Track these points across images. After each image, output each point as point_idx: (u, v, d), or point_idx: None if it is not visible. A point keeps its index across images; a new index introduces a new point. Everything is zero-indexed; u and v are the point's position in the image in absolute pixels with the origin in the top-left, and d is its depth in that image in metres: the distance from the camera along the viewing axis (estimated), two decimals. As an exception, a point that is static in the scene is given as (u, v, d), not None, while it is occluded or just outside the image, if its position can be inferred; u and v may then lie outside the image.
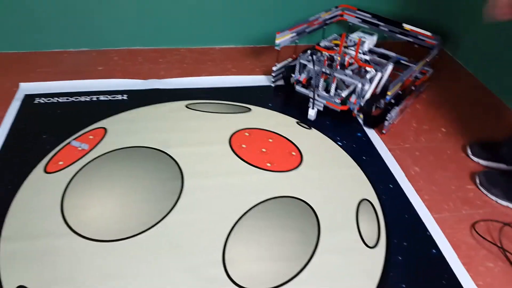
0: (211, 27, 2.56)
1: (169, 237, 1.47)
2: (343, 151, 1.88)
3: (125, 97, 2.15)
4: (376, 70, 1.98)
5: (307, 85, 2.15)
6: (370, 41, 2.17)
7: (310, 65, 2.05)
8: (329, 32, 2.61)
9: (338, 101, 1.98)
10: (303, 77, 2.13)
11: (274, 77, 2.26)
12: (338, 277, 1.39)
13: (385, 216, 1.61)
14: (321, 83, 2.04)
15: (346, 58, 2.03)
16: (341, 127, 2.03)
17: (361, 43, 2.10)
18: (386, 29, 2.41)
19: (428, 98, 2.32)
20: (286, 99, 2.21)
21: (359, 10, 2.47)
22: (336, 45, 2.16)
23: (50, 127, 1.91)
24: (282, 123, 2.02)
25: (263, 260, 1.42)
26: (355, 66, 2.04)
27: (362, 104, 1.98)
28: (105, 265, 1.37)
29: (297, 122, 2.04)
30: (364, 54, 2.13)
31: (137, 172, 1.70)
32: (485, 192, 1.73)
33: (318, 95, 2.03)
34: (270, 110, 2.11)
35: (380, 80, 2.01)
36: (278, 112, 2.10)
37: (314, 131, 1.99)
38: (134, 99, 2.14)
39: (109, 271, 1.35)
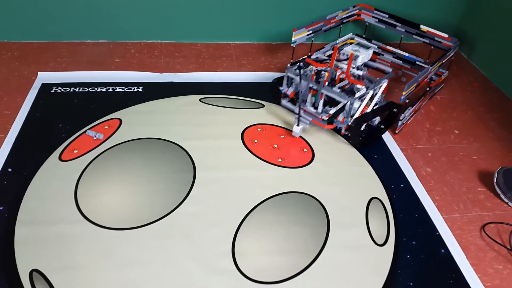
0: (227, 23, 2.58)
1: (180, 228, 1.49)
2: (355, 150, 1.89)
3: (140, 89, 2.18)
4: (367, 88, 1.88)
5: (295, 98, 2.04)
6: (364, 56, 1.99)
7: (298, 79, 1.94)
8: (346, 31, 2.61)
9: (325, 118, 1.86)
10: (290, 91, 2.02)
11: (288, 74, 2.27)
12: (346, 273, 1.40)
13: (395, 214, 1.61)
14: (309, 98, 1.93)
15: (338, 73, 1.91)
16: (353, 125, 2.03)
17: (354, 57, 1.96)
18: (402, 30, 2.40)
19: (442, 100, 2.31)
20: (300, 96, 2.22)
21: (376, 10, 2.47)
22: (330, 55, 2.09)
23: (66, 116, 1.94)
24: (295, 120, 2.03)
25: (272, 254, 1.44)
26: (347, 81, 1.92)
27: (349, 123, 1.87)
28: (117, 253, 1.39)
29: (310, 119, 2.05)
30: (358, 69, 2.01)
31: (150, 163, 1.73)
32: (498, 191, 1.72)
33: (304, 111, 1.93)
34: (282, 107, 2.12)
35: (372, 97, 1.93)
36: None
37: (326, 129, 1.99)
38: (150, 91, 2.16)
39: (121, 259, 1.38)
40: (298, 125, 1.88)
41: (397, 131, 2.01)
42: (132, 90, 2.17)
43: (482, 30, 2.60)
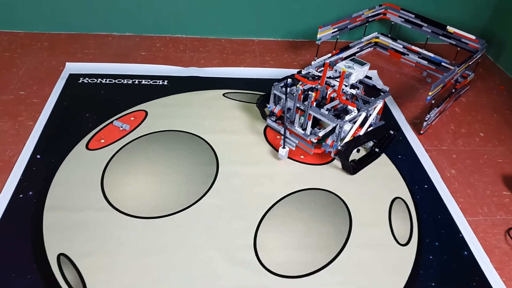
0: (252, 19, 2.59)
1: (203, 219, 1.51)
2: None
3: (165, 82, 2.20)
4: (360, 109, 1.72)
5: (283, 117, 1.83)
6: (359, 73, 1.79)
7: (289, 97, 1.76)
8: (371, 30, 2.59)
9: (314, 140, 1.73)
10: (277, 109, 1.85)
11: (312, 71, 2.27)
12: (367, 271, 1.39)
13: (418, 215, 1.60)
14: (297, 118, 1.77)
15: (329, 91, 1.77)
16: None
17: (347, 75, 1.76)
18: (429, 30, 2.38)
19: (467, 102, 2.28)
20: (323, 94, 2.22)
21: (402, 9, 2.45)
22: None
23: (93, 106, 1.98)
24: (318, 117, 2.03)
25: (294, 249, 1.44)
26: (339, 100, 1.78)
27: (339, 147, 1.71)
28: (142, 240, 1.42)
29: (333, 117, 2.04)
30: (352, 87, 1.84)
31: (174, 155, 1.75)
32: None
33: (291, 132, 1.78)
34: (306, 104, 2.12)
35: (366, 119, 1.77)
36: (315, 106, 2.11)
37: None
38: (174, 85, 2.19)
39: (145, 246, 1.40)
40: (284, 147, 1.75)
41: (421, 132, 1.99)
42: (157, 83, 2.19)
43: (510, 32, 2.56)
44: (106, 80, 2.16)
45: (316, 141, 1.73)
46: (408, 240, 1.51)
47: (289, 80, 1.80)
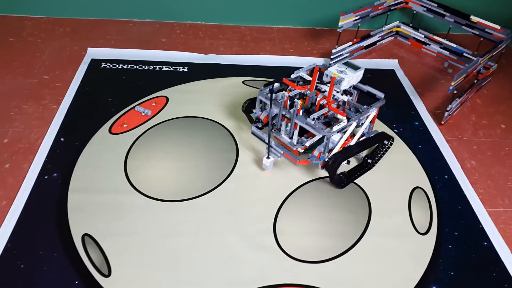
0: (271, 7, 2.58)
1: (223, 204, 1.53)
2: (399, 138, 1.87)
3: (185, 69, 2.22)
4: (350, 118, 1.59)
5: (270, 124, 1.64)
6: (351, 78, 1.65)
7: (277, 103, 1.64)
8: (392, 19, 2.57)
9: (301, 150, 1.62)
10: (264, 116, 1.72)
11: (332, 59, 2.26)
12: (386, 259, 1.40)
13: (438, 205, 1.60)
14: (283, 126, 1.65)
15: (319, 97, 1.65)
16: (398, 114, 2.01)
17: (338, 81, 1.64)
18: (451, 20, 2.34)
19: (489, 93, 2.26)
20: (343, 82, 2.21)
21: (425, -2, 2.41)
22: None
23: (115, 91, 2.00)
24: (338, 106, 2.02)
25: (313, 234, 1.46)
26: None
27: (326, 159, 1.59)
28: (164, 223, 1.45)
29: (353, 106, 2.04)
30: (344, 93, 1.69)
31: (195, 141, 1.77)
32: None
33: (277, 140, 1.67)
34: (326, 92, 2.12)
35: (358, 129, 1.67)
36: (334, 94, 2.10)
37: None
38: (194, 71, 2.20)
39: (168, 229, 1.43)
40: (268, 157, 1.65)
41: (443, 122, 1.97)
42: (178, 69, 2.21)
43: (535, 23, 2.50)
44: (127, 66, 2.19)
45: (303, 151, 1.63)
46: (427, 229, 1.51)
47: (277, 84, 1.69)
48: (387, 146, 1.73)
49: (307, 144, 1.61)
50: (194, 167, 1.65)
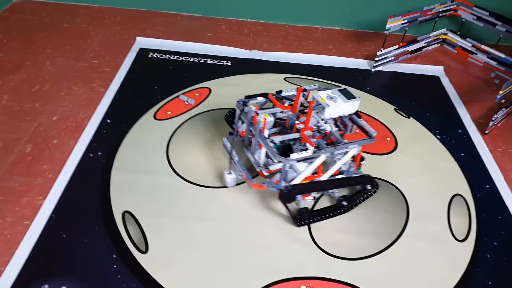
0: (317, 7, 2.59)
1: (259, 194, 1.54)
2: (442, 145, 1.84)
3: (229, 63, 2.25)
4: (318, 148, 1.39)
5: (234, 137, 1.55)
6: (339, 107, 1.44)
7: (249, 114, 1.48)
8: (440, 25, 2.52)
9: (266, 173, 1.45)
10: (242, 129, 1.54)
11: (376, 61, 2.25)
12: (421, 262, 1.38)
13: (478, 214, 1.56)
14: (254, 142, 1.48)
15: (299, 120, 1.51)
16: (441, 120, 1.98)
17: (319, 107, 1.45)
18: (503, 29, 2.28)
19: (537, 107, 2.18)
20: (386, 85, 2.19)
21: (476, 6, 2.36)
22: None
23: (161, 80, 2.06)
24: (379, 108, 2.01)
25: (348, 232, 1.45)
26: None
27: (282, 188, 1.40)
28: (201, 207, 1.48)
29: (395, 109, 2.02)
30: (335, 123, 1.54)
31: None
32: None
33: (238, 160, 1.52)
34: (367, 94, 2.11)
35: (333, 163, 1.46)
36: (376, 96, 2.09)
37: (412, 120, 1.96)
38: (237, 66, 2.23)
39: (204, 213, 1.46)
40: (230, 172, 1.53)
41: (487, 132, 1.93)
42: (221, 63, 2.25)
43: None
44: (174, 57, 2.24)
45: (268, 174, 1.46)
46: (465, 237, 1.48)
47: (260, 98, 1.56)
48: (369, 193, 1.54)
49: (272, 168, 1.45)
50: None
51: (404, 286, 1.32)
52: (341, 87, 1.54)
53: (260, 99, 1.56)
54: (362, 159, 1.57)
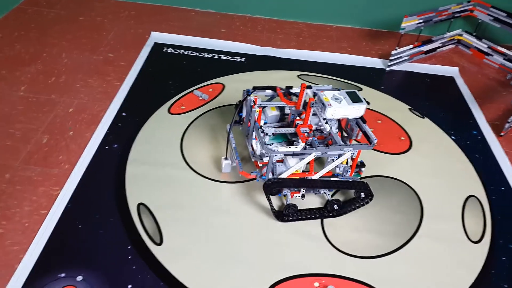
0: (331, 5, 2.58)
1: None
2: (456, 145, 1.83)
3: (243, 59, 2.25)
4: (309, 145, 1.38)
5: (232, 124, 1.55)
6: (341, 109, 1.39)
7: (253, 103, 1.47)
8: (455, 26, 2.51)
9: (260, 164, 1.48)
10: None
11: (391, 60, 2.24)
12: (435, 263, 1.38)
13: (493, 216, 1.55)
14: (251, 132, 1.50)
15: (299, 117, 1.50)
16: (456, 121, 1.97)
17: (321, 106, 1.41)
18: (520, 31, 2.27)
19: (553, 110, 2.16)
20: (400, 84, 2.18)
21: (493, 7, 2.34)
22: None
23: (175, 75, 2.07)
24: (393, 107, 2.00)
25: (361, 231, 1.45)
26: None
27: (266, 180, 1.39)
28: (214, 200, 1.49)
29: (410, 109, 2.01)
30: (333, 123, 1.47)
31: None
32: None
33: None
34: (381, 93, 2.10)
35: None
36: (390, 96, 2.08)
37: (427, 120, 1.95)
38: (251, 62, 2.24)
39: (217, 206, 1.47)
40: (226, 158, 1.56)
41: (502, 134, 1.91)
42: (235, 59, 2.25)
43: None
44: (188, 52, 2.25)
45: (262, 165, 1.47)
46: (480, 238, 1.47)
47: (269, 91, 1.56)
48: (363, 202, 1.49)
49: (266, 160, 1.43)
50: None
51: (417, 286, 1.31)
52: (356, 86, 1.53)
53: (269, 91, 1.56)
54: (363, 165, 1.54)
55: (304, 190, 1.49)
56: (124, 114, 1.80)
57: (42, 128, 1.71)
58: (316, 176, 1.44)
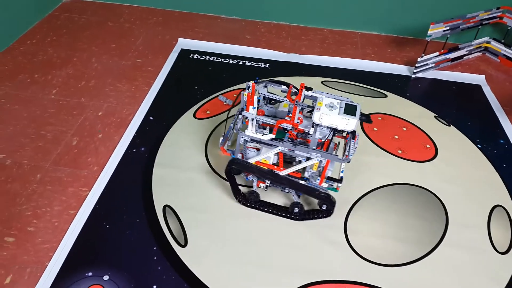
0: (356, 12, 2.58)
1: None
2: (482, 154, 1.80)
3: (267, 65, 2.28)
4: (276, 140, 1.39)
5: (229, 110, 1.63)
6: (330, 118, 1.30)
7: (261, 91, 1.52)
8: (483, 33, 2.47)
9: (225, 147, 1.56)
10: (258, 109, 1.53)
11: (416, 68, 2.22)
12: (461, 273, 1.36)
13: (521, 226, 1.52)
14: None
15: (289, 113, 1.48)
16: (483, 130, 1.94)
17: (307, 109, 1.43)
18: (550, 38, 2.22)
19: None
20: (426, 91, 2.16)
21: (522, 14, 2.31)
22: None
23: (201, 80, 2.10)
24: (419, 115, 1.99)
25: (384, 238, 1.44)
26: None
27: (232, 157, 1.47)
28: (237, 205, 1.51)
29: (435, 116, 1.99)
30: (324, 130, 1.39)
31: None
32: None
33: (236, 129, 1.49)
34: (407, 100, 2.08)
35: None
36: (416, 103, 2.07)
37: (453, 128, 1.93)
38: (275, 68, 2.25)
39: (241, 210, 1.49)
40: (223, 134, 1.61)
41: (531, 143, 1.87)
42: (260, 65, 2.27)
43: None
44: (213, 58, 2.29)
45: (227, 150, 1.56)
46: (507, 249, 1.44)
47: (284, 87, 1.53)
48: (321, 214, 1.49)
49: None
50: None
51: (442, 295, 1.30)
52: (381, 93, 1.51)
53: (284, 87, 1.53)
54: (341, 181, 1.41)
55: (269, 183, 1.49)
56: (151, 118, 1.84)
57: (72, 130, 1.76)
58: (282, 173, 1.43)
